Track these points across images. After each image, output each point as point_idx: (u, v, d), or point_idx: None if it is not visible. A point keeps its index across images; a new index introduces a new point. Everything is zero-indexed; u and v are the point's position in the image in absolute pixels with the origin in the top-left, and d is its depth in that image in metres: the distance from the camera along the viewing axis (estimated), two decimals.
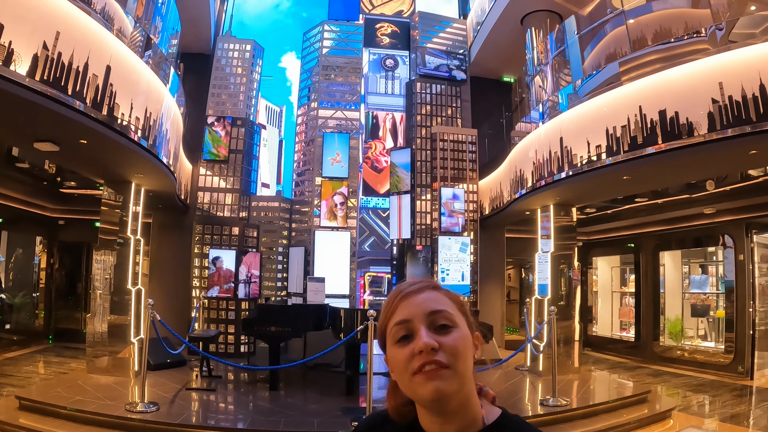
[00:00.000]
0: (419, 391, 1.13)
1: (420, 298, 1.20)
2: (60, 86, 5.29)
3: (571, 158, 8.19)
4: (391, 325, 1.21)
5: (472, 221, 12.15)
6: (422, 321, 1.16)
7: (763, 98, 5.67)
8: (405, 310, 1.19)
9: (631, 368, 11.59)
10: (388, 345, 1.22)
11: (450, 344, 1.14)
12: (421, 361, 1.12)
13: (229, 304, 10.75)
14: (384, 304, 1.27)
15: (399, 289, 1.26)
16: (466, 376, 1.16)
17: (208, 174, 11.50)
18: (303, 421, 6.46)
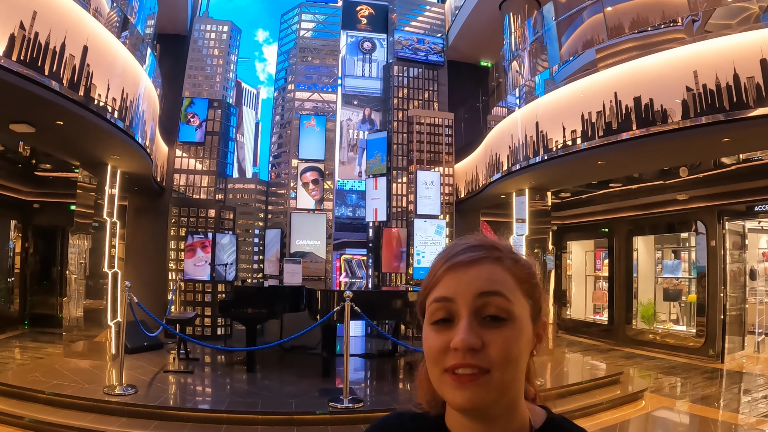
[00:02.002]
0: (448, 396, 0.92)
1: (471, 274, 0.94)
2: (36, 67, 5.21)
3: (546, 143, 8.28)
4: (431, 298, 0.97)
5: (447, 204, 12.21)
6: (468, 305, 0.92)
7: (736, 88, 5.79)
8: (449, 284, 0.95)
9: (605, 351, 11.79)
10: (424, 323, 0.99)
11: (499, 346, 0.90)
12: (456, 361, 0.90)
13: (206, 286, 10.73)
14: (431, 266, 1.02)
15: (449, 252, 1.00)
16: (512, 384, 0.93)
17: (185, 156, 11.40)
18: (281, 403, 6.50)
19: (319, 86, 12.73)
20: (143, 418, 5.96)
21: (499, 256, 0.97)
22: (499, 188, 10.31)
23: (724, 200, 10.30)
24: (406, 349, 9.54)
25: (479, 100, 13.53)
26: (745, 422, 6.50)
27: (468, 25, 13.24)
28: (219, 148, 11.46)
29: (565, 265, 15.23)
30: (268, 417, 6.12)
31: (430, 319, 0.96)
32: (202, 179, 11.35)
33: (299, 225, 11.42)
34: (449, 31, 14.40)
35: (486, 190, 10.90)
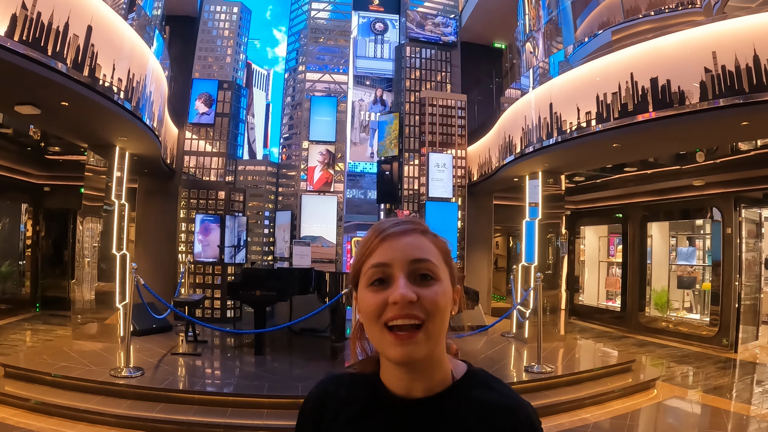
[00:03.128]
0: (388, 351, 1.04)
1: (404, 242, 1.09)
2: (40, 47, 5.13)
3: (560, 124, 8.12)
4: (367, 266, 1.09)
5: (460, 187, 12.09)
6: (402, 268, 1.05)
7: (756, 69, 5.61)
8: (385, 252, 1.08)
9: (617, 338, 11.68)
10: (360, 286, 1.11)
11: (430, 298, 1.04)
12: (395, 313, 1.02)
13: (216, 268, 10.70)
14: (362, 240, 1.15)
15: (381, 227, 1.13)
16: (441, 335, 1.08)
17: (194, 138, 11.34)
18: (287, 386, 6.46)
19: (330, 67, 12.61)
20: (149, 401, 5.94)
21: (424, 230, 1.14)
22: (512, 171, 10.15)
23: (741, 187, 10.08)
24: None
25: (493, 81, 13.34)
26: (757, 413, 6.39)
27: (481, 5, 13.06)
28: (229, 129, 11.38)
29: (578, 251, 15.08)
30: (274, 401, 6.07)
31: (368, 280, 1.08)
32: (212, 161, 11.28)
33: (310, 207, 11.34)
34: (462, 12, 14.22)
35: (499, 173, 10.75)
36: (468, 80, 13.63)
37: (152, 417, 5.59)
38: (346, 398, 1.18)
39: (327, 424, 1.17)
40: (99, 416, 5.59)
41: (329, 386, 1.22)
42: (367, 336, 1.12)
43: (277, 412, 5.93)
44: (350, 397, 1.17)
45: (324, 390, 1.22)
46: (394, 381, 1.11)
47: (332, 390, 1.21)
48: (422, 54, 12.96)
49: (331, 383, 1.23)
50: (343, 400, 1.18)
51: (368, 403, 1.14)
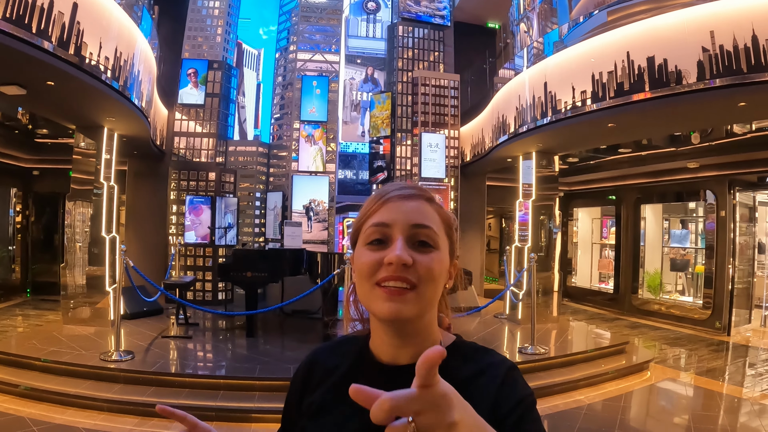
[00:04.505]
0: (376, 306, 1.03)
1: (407, 205, 1.08)
2: (24, 24, 4.99)
3: (555, 104, 8.04)
4: (367, 225, 1.09)
5: (452, 168, 12.02)
6: (402, 231, 1.05)
7: (755, 49, 5.57)
8: (387, 213, 1.07)
9: (610, 320, 11.69)
10: (358, 245, 1.11)
11: (425, 264, 1.03)
12: (388, 273, 1.01)
13: (206, 250, 10.61)
14: (365, 202, 1.15)
15: (386, 189, 1.13)
16: (432, 302, 1.07)
17: (184, 119, 11.20)
18: (279, 368, 6.41)
19: (321, 47, 12.46)
20: (140, 384, 5.88)
21: (429, 198, 1.12)
22: (506, 151, 10.08)
23: (735, 170, 10.03)
24: None
25: (486, 62, 13.23)
26: (749, 396, 6.39)
27: None
28: (219, 110, 11.24)
29: (571, 233, 15.06)
30: (266, 383, 6.03)
31: (366, 239, 1.07)
32: (203, 142, 11.16)
33: (301, 188, 11.25)
34: None
35: (492, 153, 10.67)
36: (461, 60, 13.51)
37: (143, 401, 5.52)
38: (332, 364, 1.18)
39: (312, 389, 1.17)
40: (89, 401, 5.52)
41: (319, 354, 1.23)
42: (359, 295, 1.10)
43: (269, 395, 5.89)
44: (337, 363, 1.17)
45: (314, 358, 1.23)
46: (383, 348, 1.11)
47: (321, 358, 1.21)
48: (415, 33, 12.81)
49: (322, 351, 1.23)
50: (331, 366, 1.18)
51: (353, 368, 1.14)
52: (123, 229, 10.87)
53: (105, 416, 5.36)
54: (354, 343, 1.19)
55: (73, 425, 5.09)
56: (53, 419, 5.19)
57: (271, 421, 5.50)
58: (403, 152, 11.97)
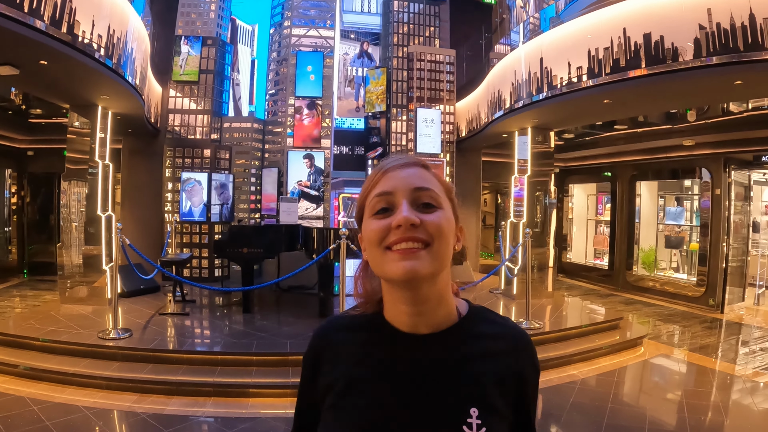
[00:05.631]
0: (390, 268, 1.04)
1: (406, 172, 1.11)
2: (15, 3, 4.93)
3: (551, 79, 8.01)
4: (371, 197, 1.11)
5: (448, 143, 11.99)
6: (405, 195, 1.07)
7: (752, 28, 5.54)
8: (388, 182, 1.10)
9: (604, 296, 11.75)
10: (364, 218, 1.13)
11: (433, 222, 1.05)
12: (398, 236, 1.04)
13: (203, 227, 10.61)
14: (366, 179, 1.17)
15: (384, 163, 1.16)
16: (444, 261, 1.07)
17: (179, 96, 11.14)
18: (276, 343, 6.47)
19: (316, 22, 12.35)
20: (138, 362, 5.93)
21: (425, 165, 1.15)
22: (501, 127, 10.05)
23: (731, 148, 10.02)
24: None
25: (482, 37, 13.13)
26: (742, 373, 6.46)
27: None
28: (214, 86, 11.18)
29: (566, 209, 15.07)
30: (262, 358, 6.10)
31: (372, 210, 1.10)
32: (197, 119, 11.11)
33: (297, 164, 11.23)
34: None
35: (487, 129, 10.64)
36: (457, 35, 13.41)
37: (141, 378, 5.58)
38: (347, 339, 1.18)
39: (328, 367, 1.17)
40: (88, 379, 5.57)
41: (329, 330, 1.22)
42: (372, 267, 1.11)
43: (266, 370, 5.97)
44: (352, 338, 1.18)
45: (324, 334, 1.22)
46: (401, 317, 1.12)
47: (332, 333, 1.21)
48: (411, 8, 12.70)
49: (331, 326, 1.23)
50: (344, 341, 1.18)
51: (372, 341, 1.15)
52: (118, 208, 10.86)
53: (104, 394, 5.41)
54: (364, 318, 1.19)
55: (72, 403, 5.14)
56: (53, 398, 5.24)
57: (269, 395, 5.58)
58: (398, 127, 11.94)
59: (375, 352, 1.13)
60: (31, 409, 4.95)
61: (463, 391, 1.07)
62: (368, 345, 1.15)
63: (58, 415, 4.85)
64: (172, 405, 5.25)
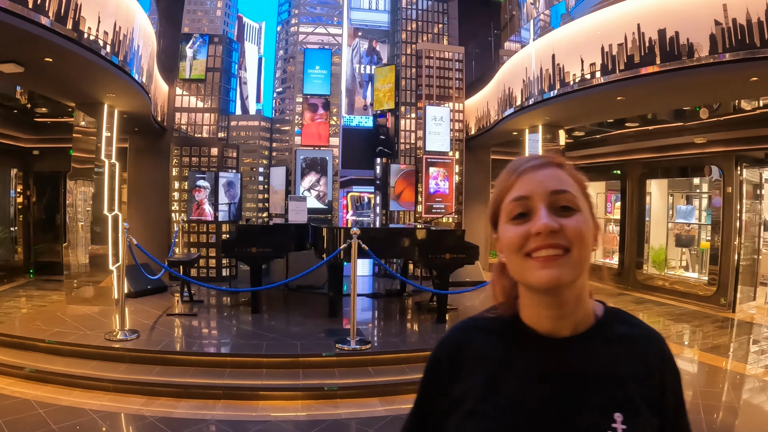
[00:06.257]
0: (531, 276, 1.03)
1: (542, 174, 1.08)
2: None
3: (563, 76, 7.90)
4: (507, 200, 1.09)
5: (457, 141, 11.88)
6: (543, 200, 1.05)
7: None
8: (524, 186, 1.07)
9: (614, 295, 11.64)
10: (500, 222, 1.12)
11: (573, 227, 1.03)
12: (538, 243, 1.02)
13: (210, 227, 10.54)
14: (499, 179, 1.15)
15: (516, 163, 1.13)
16: (585, 265, 1.06)
17: (185, 94, 11.06)
18: (286, 344, 6.37)
19: (323, 19, 12.25)
20: (146, 364, 5.85)
21: (560, 163, 1.11)
22: (512, 124, 9.95)
23: (743, 146, 9.87)
24: (414, 288, 9.37)
25: (491, 34, 13.01)
26: (753, 373, 6.36)
27: None
28: (221, 84, 11.09)
29: None
30: (272, 360, 6.01)
31: (509, 216, 1.08)
32: (204, 117, 11.02)
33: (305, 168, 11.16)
34: None
35: (497, 126, 10.53)
36: (465, 33, 13.28)
37: (149, 380, 5.49)
38: (486, 343, 1.16)
39: (465, 373, 1.14)
40: (95, 381, 5.48)
41: (466, 332, 1.20)
42: (510, 272, 1.10)
43: (276, 372, 5.88)
44: (491, 342, 1.16)
45: (460, 336, 1.20)
46: (539, 320, 1.10)
47: (469, 336, 1.19)
48: (419, 5, 12.57)
49: (467, 329, 1.21)
50: (483, 345, 1.16)
51: (512, 345, 1.13)
52: (125, 207, 10.79)
53: (111, 397, 5.33)
54: (501, 320, 1.17)
55: (79, 406, 5.05)
56: (59, 401, 5.16)
57: (279, 398, 5.48)
58: (407, 125, 11.82)
59: (516, 356, 1.11)
60: (37, 412, 4.87)
61: (606, 396, 1.05)
62: (508, 349, 1.13)
63: (65, 418, 4.77)
64: (180, 408, 5.17)
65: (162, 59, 10.54)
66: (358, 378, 5.81)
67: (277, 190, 11.19)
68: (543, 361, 1.08)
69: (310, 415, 5.18)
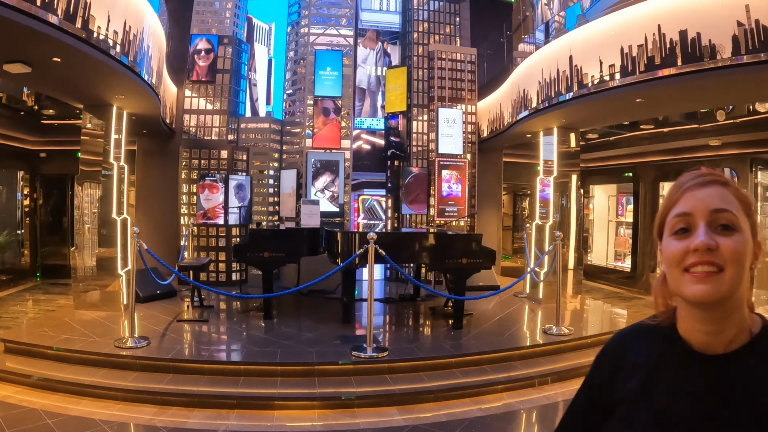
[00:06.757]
0: (684, 290, 1.09)
1: (704, 192, 1.12)
2: None
3: (581, 78, 7.73)
4: (671, 215, 1.15)
5: (470, 143, 11.72)
6: (703, 217, 1.10)
7: None
8: (687, 202, 1.13)
9: (628, 299, 11.48)
10: (664, 235, 1.17)
11: (729, 247, 1.06)
12: (695, 260, 1.07)
13: (220, 230, 10.41)
14: (667, 193, 1.20)
15: (683, 179, 1.18)
16: (738, 284, 1.07)
17: (194, 96, 10.93)
18: (300, 352, 6.22)
19: (334, 20, 12.11)
20: (157, 372, 5.72)
21: (725, 182, 1.14)
22: (526, 127, 9.79)
23: (757, 148, 9.71)
24: (428, 293, 9.22)
25: (503, 35, 12.87)
26: None
27: None
28: (230, 86, 10.96)
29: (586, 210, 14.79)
30: (287, 368, 5.87)
31: (671, 230, 1.14)
32: (214, 119, 10.89)
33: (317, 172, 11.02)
34: None
35: (511, 129, 10.37)
36: (476, 34, 13.12)
37: (160, 389, 5.35)
38: (642, 351, 1.22)
39: (624, 376, 1.21)
40: (104, 390, 5.34)
41: (628, 337, 1.28)
42: (668, 282, 1.15)
43: (291, 380, 5.74)
44: (646, 351, 1.21)
45: (622, 341, 1.28)
46: (694, 334, 1.14)
47: (630, 341, 1.26)
48: (430, 6, 12.42)
49: (630, 334, 1.28)
50: (639, 352, 1.22)
51: (665, 357, 1.18)
52: (133, 210, 10.67)
53: (121, 406, 5.19)
54: (660, 330, 1.21)
55: (88, 416, 4.91)
56: (68, 410, 5.02)
57: (295, 408, 5.34)
58: (419, 128, 11.66)
59: (667, 368, 1.16)
60: (45, 422, 4.73)
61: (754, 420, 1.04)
62: (661, 360, 1.17)
63: (73, 428, 4.64)
64: (193, 418, 5.03)
65: (171, 60, 10.42)
66: (375, 386, 5.67)
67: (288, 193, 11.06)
68: (691, 379, 1.11)
69: (328, 425, 5.03)
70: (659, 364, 1.17)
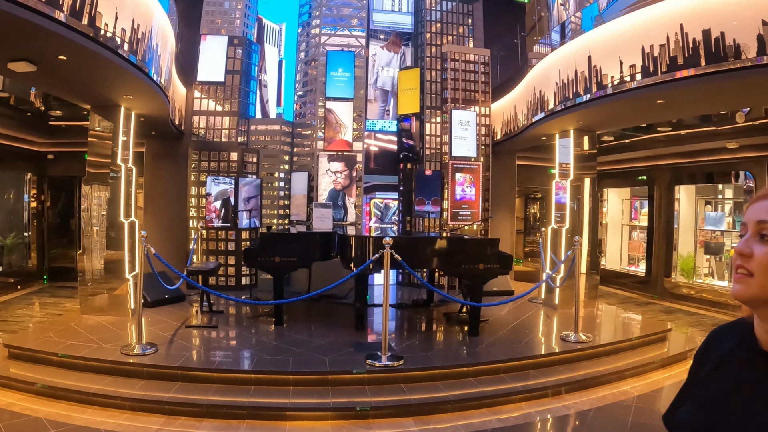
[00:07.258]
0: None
1: (758, 205, 1.24)
2: None
3: (600, 78, 7.54)
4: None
5: (483, 146, 11.53)
6: (752, 227, 1.22)
7: None
8: (747, 213, 1.26)
9: (642, 304, 11.33)
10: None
11: (759, 256, 1.18)
12: (735, 263, 1.22)
13: (229, 234, 10.25)
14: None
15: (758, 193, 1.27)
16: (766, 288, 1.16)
17: (204, 97, 10.78)
18: (312, 360, 6.05)
19: (345, 20, 11.95)
20: (164, 380, 5.56)
21: None
22: (542, 129, 9.59)
23: None
24: (442, 298, 9.03)
25: (516, 36, 12.68)
26: None
27: None
28: (240, 87, 10.80)
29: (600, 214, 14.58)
30: (300, 377, 5.69)
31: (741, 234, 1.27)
32: (223, 121, 10.74)
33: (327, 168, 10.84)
34: None
35: (527, 131, 10.17)
36: (489, 35, 12.95)
37: (168, 398, 5.18)
38: (724, 345, 1.34)
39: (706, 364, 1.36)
40: (110, 399, 5.18)
41: (718, 332, 1.40)
42: None
43: (303, 390, 5.57)
44: (727, 345, 1.33)
45: (711, 337, 1.41)
46: (760, 333, 1.23)
47: (718, 336, 1.39)
48: (442, 6, 12.24)
49: (720, 330, 1.40)
50: (722, 346, 1.34)
51: (734, 352, 1.30)
52: (141, 213, 10.53)
53: (128, 416, 5.02)
54: (744, 327, 1.30)
55: (93, 426, 4.76)
56: (72, 420, 4.86)
57: (308, 418, 5.15)
58: (432, 130, 11.48)
59: (732, 363, 1.28)
60: None
61: None
62: (730, 354, 1.30)
63: None
64: (202, 428, 4.86)
65: (180, 61, 10.28)
66: (390, 396, 5.48)
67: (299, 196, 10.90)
68: (745, 374, 1.23)
69: None
70: (729, 358, 1.29)
